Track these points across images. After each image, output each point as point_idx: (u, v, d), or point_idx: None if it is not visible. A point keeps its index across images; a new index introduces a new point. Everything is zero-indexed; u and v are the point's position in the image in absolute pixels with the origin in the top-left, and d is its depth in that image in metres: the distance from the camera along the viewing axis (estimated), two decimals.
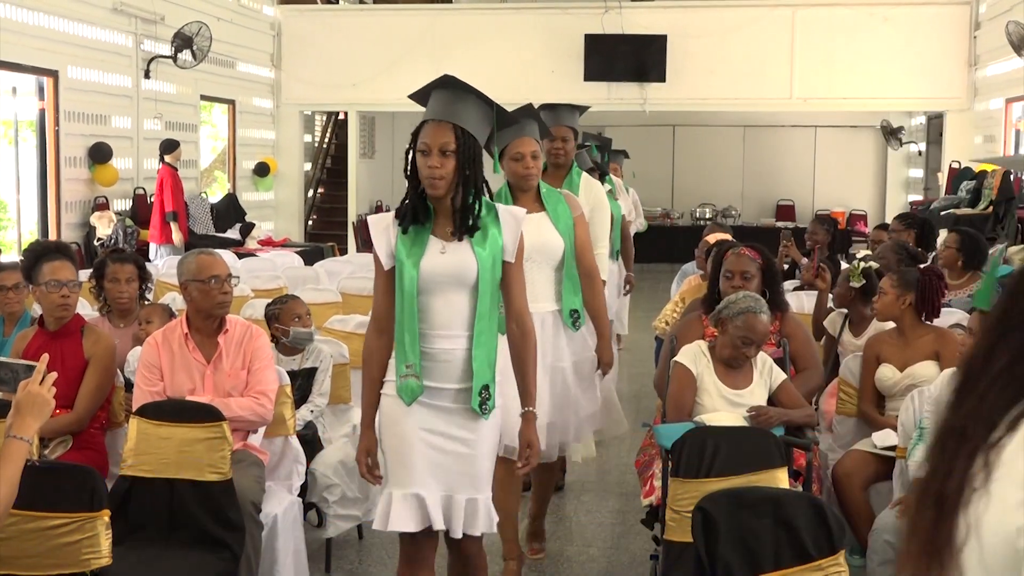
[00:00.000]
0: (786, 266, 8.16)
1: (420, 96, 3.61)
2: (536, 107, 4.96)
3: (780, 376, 4.66)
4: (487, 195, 3.61)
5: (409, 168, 3.55)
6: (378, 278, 3.64)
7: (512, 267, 3.60)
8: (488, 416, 3.57)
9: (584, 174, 5.64)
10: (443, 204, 3.52)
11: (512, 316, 3.68)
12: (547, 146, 5.01)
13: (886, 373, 5.03)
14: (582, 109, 5.87)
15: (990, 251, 7.67)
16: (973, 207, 12.29)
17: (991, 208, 11.85)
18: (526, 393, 3.68)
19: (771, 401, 4.63)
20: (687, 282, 7.39)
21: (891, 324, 5.21)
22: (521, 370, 3.70)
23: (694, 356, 4.65)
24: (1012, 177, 12.31)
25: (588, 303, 4.91)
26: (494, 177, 3.93)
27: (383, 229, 3.58)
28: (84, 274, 5.47)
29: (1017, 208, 11.80)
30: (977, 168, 13.45)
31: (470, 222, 3.51)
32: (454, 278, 3.51)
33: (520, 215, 3.63)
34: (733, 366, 4.61)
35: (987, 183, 12.30)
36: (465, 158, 3.46)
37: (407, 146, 3.57)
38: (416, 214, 3.53)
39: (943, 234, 7.19)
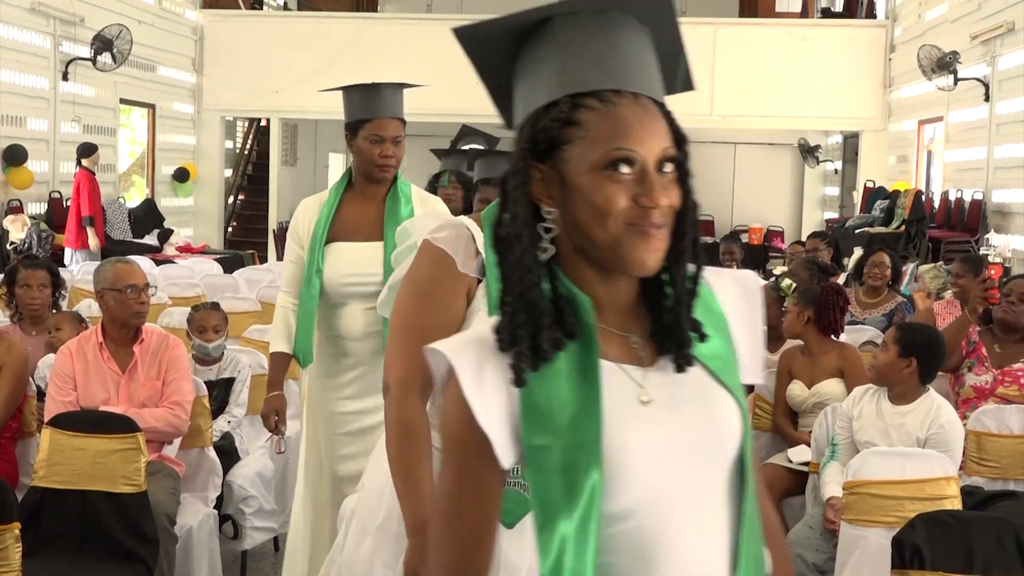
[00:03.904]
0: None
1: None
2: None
3: None
4: None
5: (518, 221, 1.47)
6: (463, 498, 1.48)
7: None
8: None
9: (415, 188, 3.84)
10: (628, 287, 1.51)
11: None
12: (366, 149, 3.62)
13: (795, 391, 5.12)
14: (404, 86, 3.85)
15: (903, 268, 7.85)
16: (886, 226, 12.58)
17: (903, 227, 12.14)
18: None
19: None
20: None
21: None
22: None
23: None
24: (923, 198, 12.64)
25: None
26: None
27: (493, 377, 1.44)
28: None
29: (928, 228, 12.12)
30: (891, 187, 13.78)
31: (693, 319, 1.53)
32: (705, 454, 1.51)
33: (753, 284, 1.64)
34: None
35: (900, 203, 12.61)
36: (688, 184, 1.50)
37: (516, 166, 1.49)
38: (568, 327, 1.45)
39: (857, 252, 7.34)
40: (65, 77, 12.98)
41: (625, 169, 1.43)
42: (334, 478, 3.79)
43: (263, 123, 19.22)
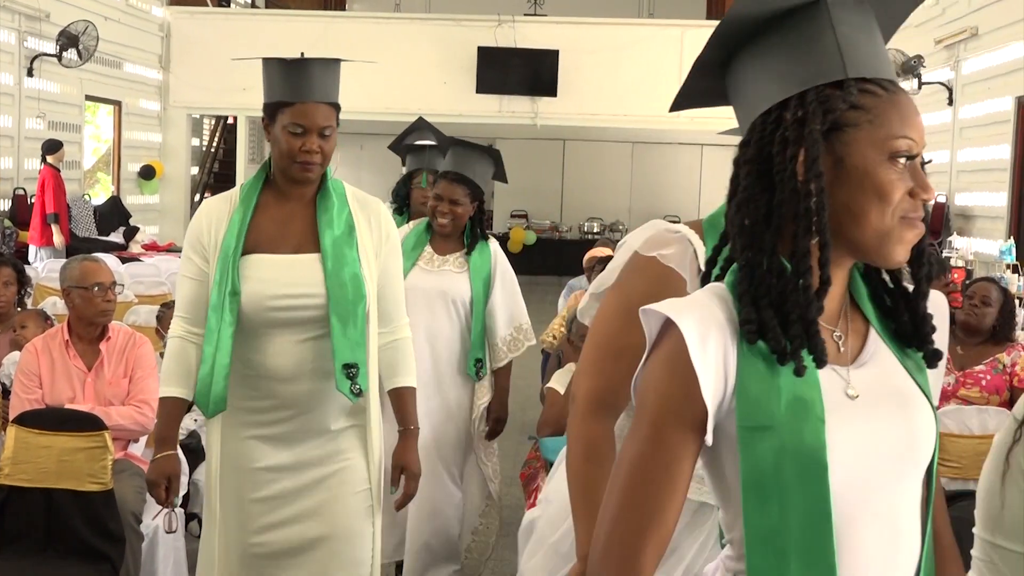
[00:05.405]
0: None
1: None
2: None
3: None
4: None
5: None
6: (655, 465, 1.40)
7: None
8: None
9: (350, 188, 3.19)
10: (844, 279, 1.52)
11: None
12: (283, 141, 2.97)
13: None
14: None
15: None
16: None
17: None
18: None
19: None
20: (573, 297, 7.46)
21: None
22: None
23: (564, 380, 4.73)
24: None
25: None
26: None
27: (714, 351, 1.39)
28: None
29: None
30: None
31: None
32: (902, 459, 1.46)
33: (944, 308, 1.61)
34: None
35: None
36: None
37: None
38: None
39: None
40: (30, 73, 12.88)
41: (902, 160, 1.42)
42: (248, 557, 3.09)
43: (230, 121, 19.15)
